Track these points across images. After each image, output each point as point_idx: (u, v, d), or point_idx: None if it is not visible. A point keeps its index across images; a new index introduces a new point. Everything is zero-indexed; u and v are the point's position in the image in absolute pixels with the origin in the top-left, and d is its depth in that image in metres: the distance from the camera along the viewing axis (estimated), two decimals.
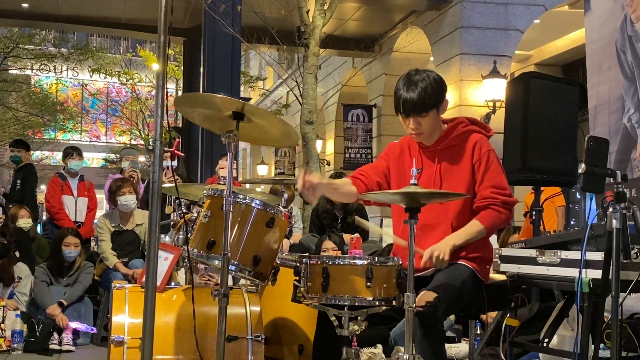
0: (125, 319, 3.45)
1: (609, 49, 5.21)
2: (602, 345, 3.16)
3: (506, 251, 3.42)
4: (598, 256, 2.86)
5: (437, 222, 3.06)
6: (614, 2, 5.23)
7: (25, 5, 12.00)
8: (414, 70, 3.11)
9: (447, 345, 3.65)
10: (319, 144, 13.37)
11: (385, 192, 3.09)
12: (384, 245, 6.30)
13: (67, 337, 5.36)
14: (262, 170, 20.43)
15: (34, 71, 25.78)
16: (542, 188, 5.42)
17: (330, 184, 3.25)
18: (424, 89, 3.01)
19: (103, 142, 31.79)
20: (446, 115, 3.24)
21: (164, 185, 3.22)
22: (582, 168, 2.82)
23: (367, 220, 6.40)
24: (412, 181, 2.73)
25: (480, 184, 3.05)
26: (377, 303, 2.82)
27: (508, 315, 3.57)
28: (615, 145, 5.02)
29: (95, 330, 5.65)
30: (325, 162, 15.67)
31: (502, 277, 3.36)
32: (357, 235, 5.61)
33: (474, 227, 3.02)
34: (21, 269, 5.75)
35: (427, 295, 2.79)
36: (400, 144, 3.29)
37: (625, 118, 5.02)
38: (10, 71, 22.71)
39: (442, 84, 3.09)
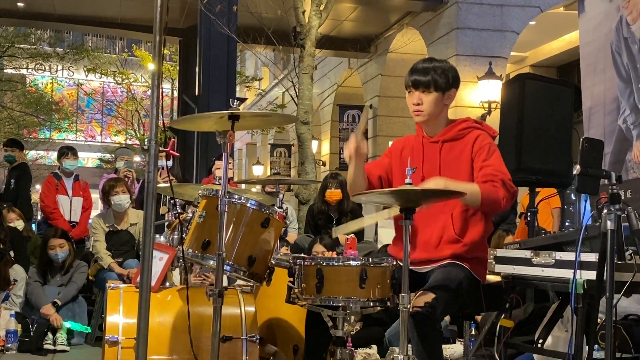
0: (119, 319, 3.44)
1: (604, 50, 5.22)
2: (596, 346, 3.16)
3: (501, 252, 3.42)
4: (592, 257, 2.86)
5: (438, 213, 3.03)
6: (609, 4, 5.24)
7: (20, 4, 11.98)
8: (435, 58, 3.21)
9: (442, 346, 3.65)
10: (314, 144, 13.37)
11: (381, 191, 3.07)
12: (379, 245, 6.30)
13: (62, 337, 5.35)
14: (258, 171, 20.43)
15: (29, 70, 25.77)
16: (537, 189, 5.43)
17: (363, 166, 3.17)
18: (437, 67, 3.08)
19: (98, 142, 31.76)
20: None
21: (159, 185, 3.21)
22: (576, 169, 2.82)
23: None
24: (407, 180, 2.72)
25: (480, 170, 2.99)
26: (371, 304, 2.82)
27: (503, 316, 3.57)
28: (610, 147, 5.03)
29: (89, 330, 5.64)
30: (321, 162, 15.67)
31: (497, 278, 3.36)
32: (352, 235, 5.60)
33: (472, 185, 2.93)
34: (17, 271, 5.72)
35: (424, 296, 2.78)
36: (405, 140, 3.29)
37: (621, 119, 5.03)
38: (5, 70, 22.67)
39: (456, 75, 3.13)
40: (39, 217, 10.15)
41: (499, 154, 3.09)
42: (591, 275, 2.85)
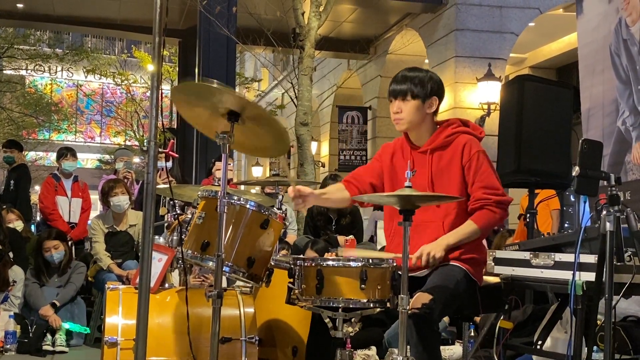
0: (118, 320, 3.44)
1: (603, 51, 5.22)
2: (595, 347, 3.16)
3: (500, 253, 3.42)
4: (591, 259, 2.87)
5: (429, 222, 3.06)
6: (607, 6, 5.24)
7: (20, 5, 11.97)
8: (419, 67, 3.23)
9: (440, 348, 3.64)
10: (313, 145, 13.37)
11: (380, 195, 3.09)
12: (378, 247, 6.30)
13: (61, 338, 5.34)
14: (257, 172, 20.43)
15: (29, 71, 25.75)
16: (536, 191, 5.43)
17: (322, 194, 3.29)
18: (415, 77, 3.09)
19: (97, 143, 31.73)
20: (441, 117, 3.26)
21: (158, 187, 3.21)
22: (576, 171, 2.82)
23: (362, 222, 6.41)
24: (407, 183, 2.73)
25: (471, 186, 3.06)
26: (371, 305, 2.82)
27: (502, 318, 3.58)
28: (609, 148, 5.03)
29: (88, 331, 5.64)
30: (320, 163, 15.67)
31: (496, 279, 3.37)
32: (351, 237, 5.61)
33: (468, 227, 3.03)
34: (16, 272, 5.72)
35: (422, 297, 2.79)
36: (394, 145, 3.30)
37: (620, 121, 5.03)
38: (4, 71, 22.67)
39: (436, 82, 3.13)
40: (38, 218, 10.14)
41: (488, 163, 3.12)
42: (590, 276, 2.85)
